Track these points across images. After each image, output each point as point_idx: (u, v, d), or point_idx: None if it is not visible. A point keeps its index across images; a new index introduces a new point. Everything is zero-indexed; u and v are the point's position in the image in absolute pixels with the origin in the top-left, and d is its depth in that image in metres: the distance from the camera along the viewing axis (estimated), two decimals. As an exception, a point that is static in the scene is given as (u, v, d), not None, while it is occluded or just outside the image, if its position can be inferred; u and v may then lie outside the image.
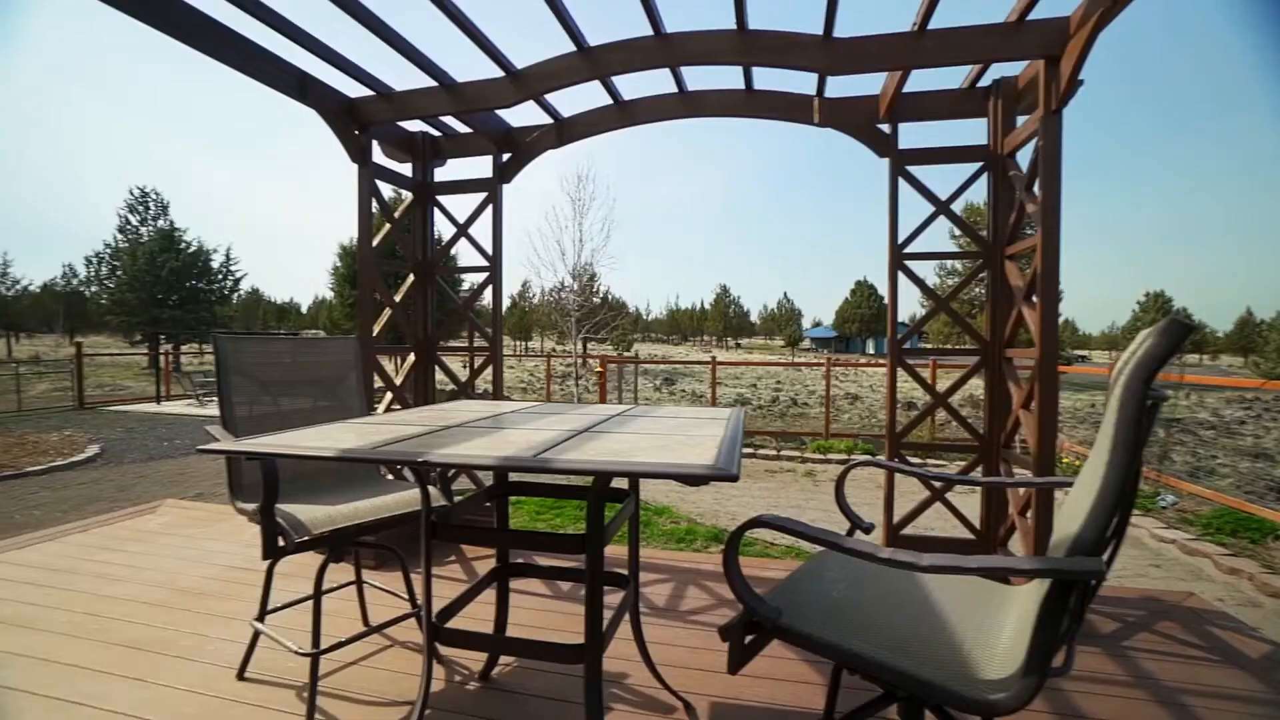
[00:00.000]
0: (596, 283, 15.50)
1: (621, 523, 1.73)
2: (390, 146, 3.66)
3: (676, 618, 2.67)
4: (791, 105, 3.36)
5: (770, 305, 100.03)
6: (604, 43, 2.98)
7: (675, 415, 2.04)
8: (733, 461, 1.21)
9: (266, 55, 2.92)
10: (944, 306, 3.19)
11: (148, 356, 26.39)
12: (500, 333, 3.68)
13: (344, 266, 26.81)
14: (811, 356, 63.87)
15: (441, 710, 1.98)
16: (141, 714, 1.95)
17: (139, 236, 29.08)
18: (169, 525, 3.87)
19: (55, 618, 2.60)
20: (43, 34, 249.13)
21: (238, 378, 2.27)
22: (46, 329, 60.29)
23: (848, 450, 8.86)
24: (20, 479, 7.36)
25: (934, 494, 3.12)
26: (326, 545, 1.95)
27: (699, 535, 5.27)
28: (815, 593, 1.46)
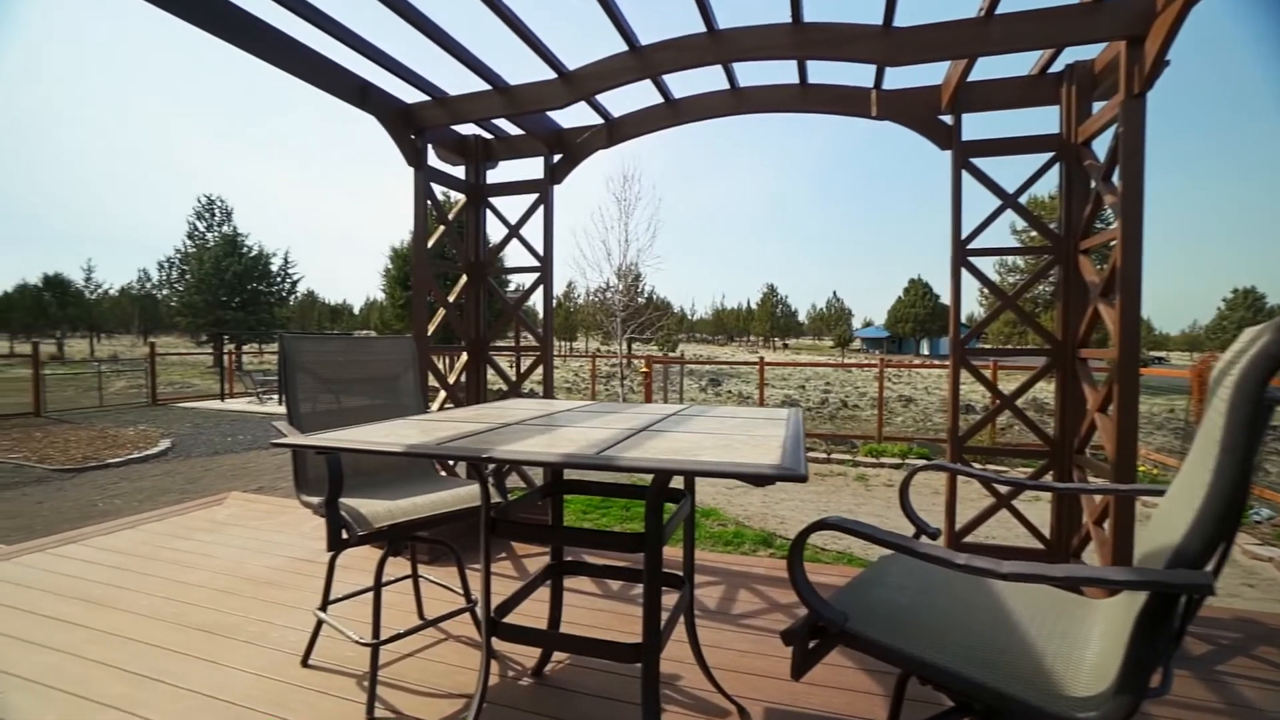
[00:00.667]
0: (641, 283, 15.51)
1: (678, 523, 1.71)
2: (444, 149, 3.73)
3: (728, 621, 2.63)
4: (847, 99, 3.27)
5: (819, 305, 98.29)
6: (655, 41, 2.96)
7: (732, 415, 2.01)
8: (799, 462, 1.17)
9: (330, 65, 3.03)
10: (1010, 304, 3.05)
11: (212, 356, 27.83)
12: (550, 333, 3.71)
13: (395, 268, 27.64)
14: (862, 357, 62.42)
15: (496, 704, 1.99)
16: (215, 694, 2.04)
17: (206, 242, 30.72)
18: (235, 516, 4.05)
19: (137, 600, 2.74)
20: (128, 55, 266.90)
21: (302, 375, 2.35)
22: (124, 330, 64.31)
23: (901, 454, 8.60)
24: (103, 470, 7.86)
25: (1000, 500, 2.99)
26: (385, 539, 2.00)
27: (747, 538, 5.20)
28: (881, 599, 1.41)
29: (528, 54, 3.00)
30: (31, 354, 13.84)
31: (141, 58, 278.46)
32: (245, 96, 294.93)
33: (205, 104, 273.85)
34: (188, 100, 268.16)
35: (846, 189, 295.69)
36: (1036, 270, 3.04)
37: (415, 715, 1.95)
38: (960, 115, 2.97)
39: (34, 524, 5.50)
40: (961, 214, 2.98)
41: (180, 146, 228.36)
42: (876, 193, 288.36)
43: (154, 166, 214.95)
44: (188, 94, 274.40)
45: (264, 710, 1.96)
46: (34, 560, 3.23)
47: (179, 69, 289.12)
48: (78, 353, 45.92)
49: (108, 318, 61.05)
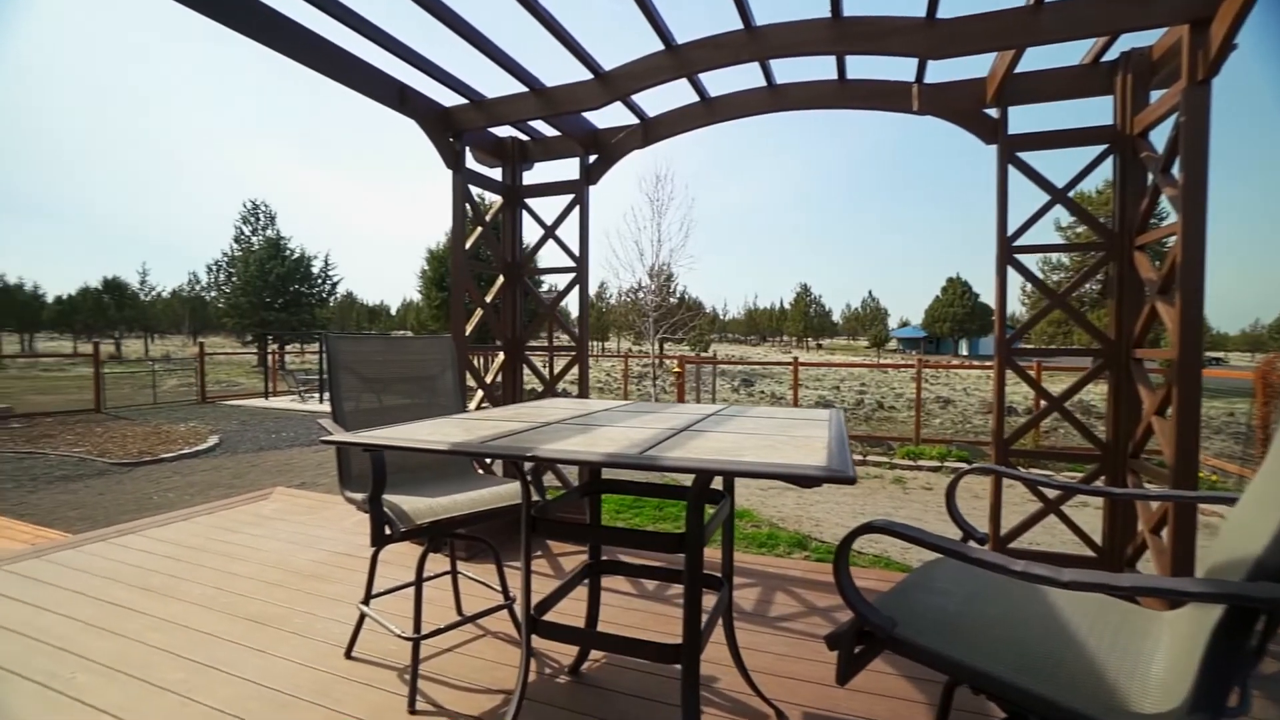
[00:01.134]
0: (674, 283, 15.47)
1: (718, 524, 1.69)
2: (481, 152, 3.78)
3: (765, 623, 2.60)
4: (887, 94, 3.21)
5: (854, 304, 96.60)
6: (692, 39, 2.95)
7: (771, 415, 1.98)
8: (847, 463, 1.15)
9: (370, 70, 3.09)
10: (1060, 302, 2.94)
11: (256, 355, 28.79)
12: (586, 333, 3.73)
13: (431, 270, 28.17)
14: (898, 358, 61.16)
15: (535, 701, 2.01)
16: (264, 683, 2.10)
17: (251, 245, 31.79)
18: (280, 511, 4.17)
19: (191, 590, 2.85)
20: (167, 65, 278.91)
21: (346, 375, 2.40)
22: (175, 330, 67.07)
23: (940, 457, 8.40)
24: (157, 464, 8.20)
25: (1048, 505, 2.88)
26: (426, 536, 2.03)
27: (781, 540, 5.14)
28: (928, 604, 1.37)
29: (563, 55, 3.02)
30: (93, 354, 14.55)
31: (193, 72, 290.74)
32: (283, 100, 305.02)
33: (249, 108, 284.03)
34: (232, 104, 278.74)
35: (883, 185, 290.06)
36: (1088, 268, 2.93)
37: (455, 709, 1.98)
38: (1006, 108, 2.88)
39: (96, 514, 5.78)
40: (1008, 210, 2.89)
41: (228, 153, 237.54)
42: (914, 189, 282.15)
43: (206, 173, 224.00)
44: (234, 101, 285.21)
45: (310, 700, 2.01)
46: (98, 549, 3.39)
47: (225, 78, 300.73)
48: (133, 352, 48.11)
49: (161, 319, 63.83)
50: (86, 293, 54.01)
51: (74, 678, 2.13)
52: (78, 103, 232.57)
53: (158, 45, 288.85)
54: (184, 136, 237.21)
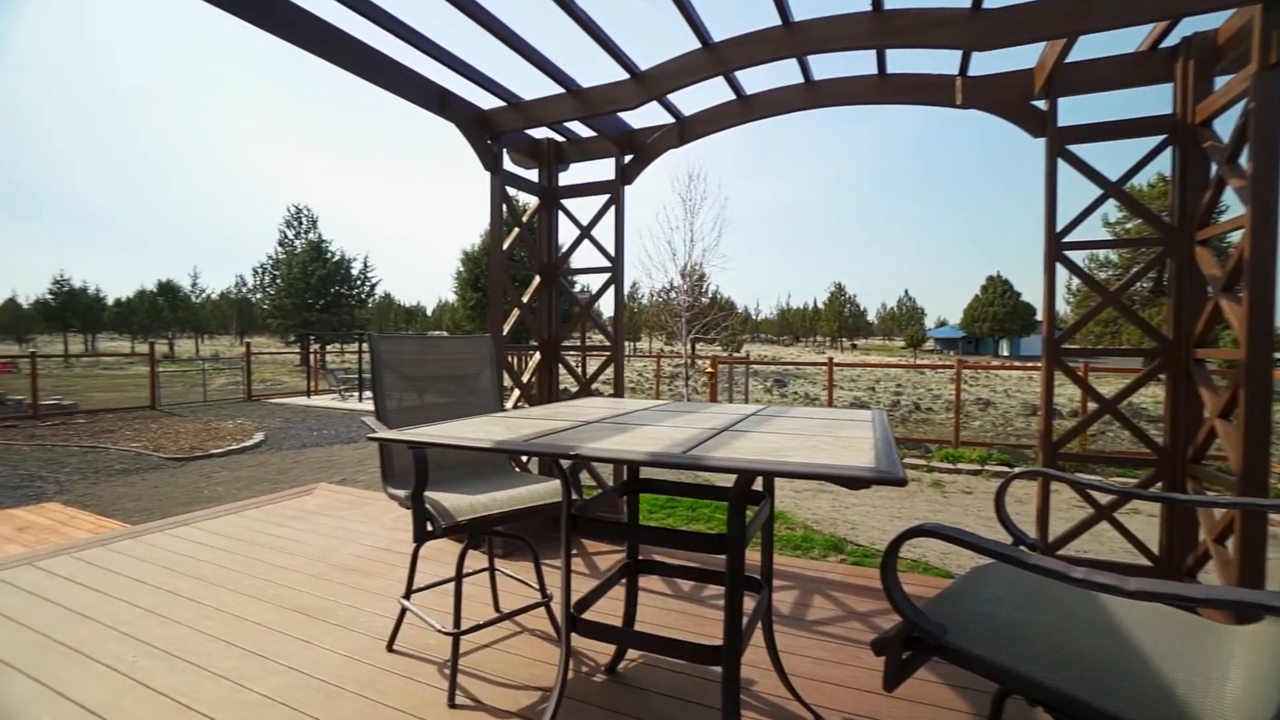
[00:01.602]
0: (706, 283, 15.39)
1: (759, 525, 1.67)
2: (517, 153, 3.82)
3: (803, 627, 2.56)
4: (929, 88, 3.13)
5: (889, 304, 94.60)
6: (729, 37, 2.93)
7: (812, 416, 1.95)
8: (895, 464, 1.12)
9: (412, 75, 3.16)
10: (1113, 301, 2.82)
11: (299, 355, 29.70)
12: (621, 333, 3.74)
13: (466, 271, 28.64)
14: (935, 358, 59.67)
15: (572, 699, 2.02)
16: (311, 673, 2.16)
17: (294, 248, 32.82)
18: (323, 506, 4.29)
19: (241, 581, 2.95)
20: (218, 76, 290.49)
21: (388, 374, 2.45)
22: (223, 331, 69.68)
23: (980, 460, 8.16)
24: (207, 459, 8.53)
25: (1100, 511, 2.77)
26: (466, 533, 2.06)
27: (816, 543, 5.07)
28: (979, 611, 1.33)
29: (599, 56, 3.03)
30: (149, 353, 15.21)
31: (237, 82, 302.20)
32: (328, 107, 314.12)
33: (294, 116, 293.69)
34: (277, 112, 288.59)
35: (920, 182, 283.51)
36: (1144, 264, 2.81)
37: (494, 705, 2.00)
38: (1056, 100, 2.78)
39: (152, 506, 6.04)
40: (1056, 205, 2.79)
41: (272, 158, 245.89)
42: (953, 186, 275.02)
43: (252, 178, 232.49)
44: (279, 109, 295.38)
45: (354, 691, 2.06)
46: (155, 540, 3.54)
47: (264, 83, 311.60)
48: (185, 352, 50.18)
49: (210, 320, 66.42)
50: (143, 295, 56.60)
51: (136, 661, 2.22)
52: (158, 123, 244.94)
53: (217, 59, 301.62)
54: (233, 144, 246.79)
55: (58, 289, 52.18)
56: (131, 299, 57.44)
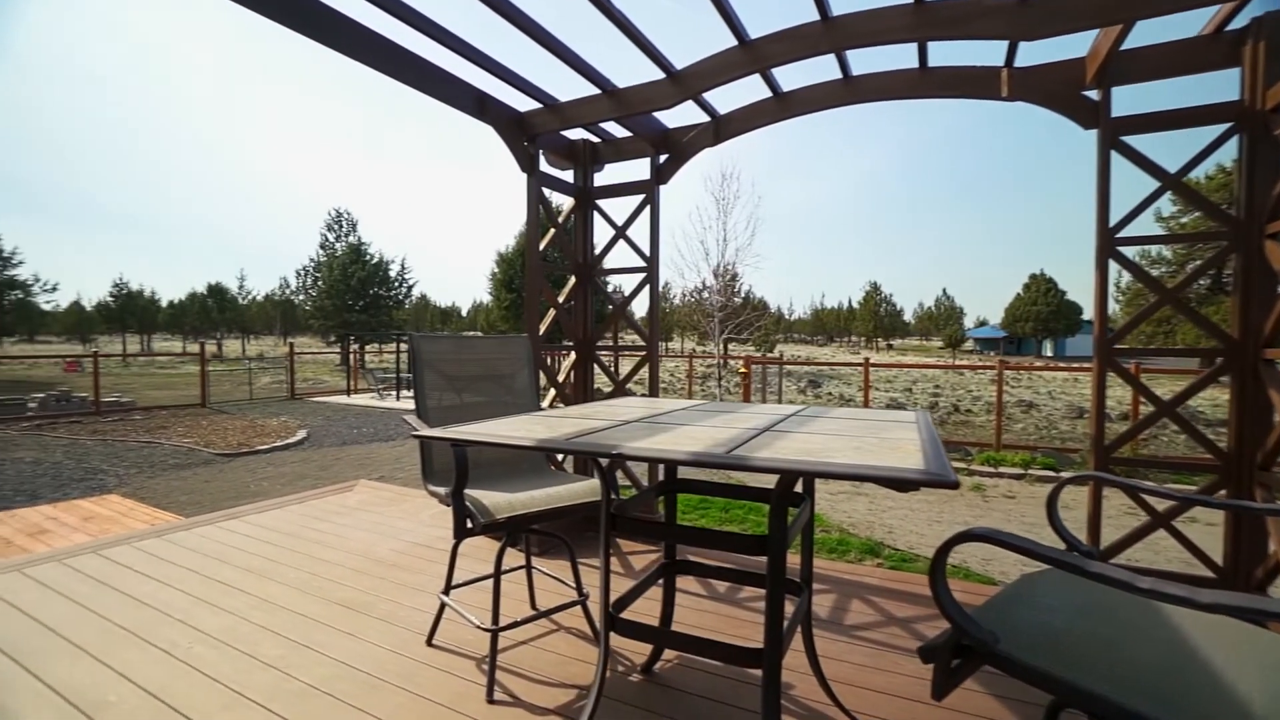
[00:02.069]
0: (738, 282, 15.28)
1: (799, 527, 1.65)
2: (553, 154, 3.85)
3: (841, 631, 2.52)
4: (973, 80, 3.04)
5: (927, 303, 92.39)
6: (766, 34, 2.90)
7: (855, 416, 1.92)
8: (945, 466, 1.09)
9: (451, 79, 3.21)
10: (1171, 298, 2.70)
11: (339, 354, 30.54)
12: (657, 332, 3.74)
13: (500, 272, 29.03)
14: (975, 359, 58.03)
15: (609, 698, 2.02)
16: (353, 664, 2.22)
17: (334, 251, 33.75)
18: (364, 503, 4.39)
19: (287, 573, 3.04)
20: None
21: (429, 373, 2.50)
22: (267, 331, 72.12)
23: (1023, 464, 7.90)
24: (253, 455, 8.83)
25: (1157, 519, 2.65)
26: (504, 530, 2.08)
27: (852, 547, 4.98)
28: (1032, 620, 1.28)
29: (633, 56, 3.03)
30: (199, 353, 15.84)
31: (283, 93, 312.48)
32: (366, 109, 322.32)
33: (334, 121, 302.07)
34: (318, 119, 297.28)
35: (958, 178, 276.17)
36: (1206, 259, 2.67)
37: (531, 701, 2.02)
38: (1109, 89, 2.67)
39: (203, 500, 6.28)
40: (1109, 199, 2.68)
41: (315, 163, 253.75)
42: (992, 182, 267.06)
43: (294, 182, 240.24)
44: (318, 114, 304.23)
45: (395, 683, 2.10)
46: (206, 532, 3.68)
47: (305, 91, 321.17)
48: (232, 351, 52.11)
49: (255, 321, 68.81)
50: (194, 297, 58.99)
51: (191, 648, 2.31)
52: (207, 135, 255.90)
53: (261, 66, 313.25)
54: (277, 150, 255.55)
55: (117, 292, 54.83)
56: (183, 301, 59.99)
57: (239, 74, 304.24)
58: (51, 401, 12.80)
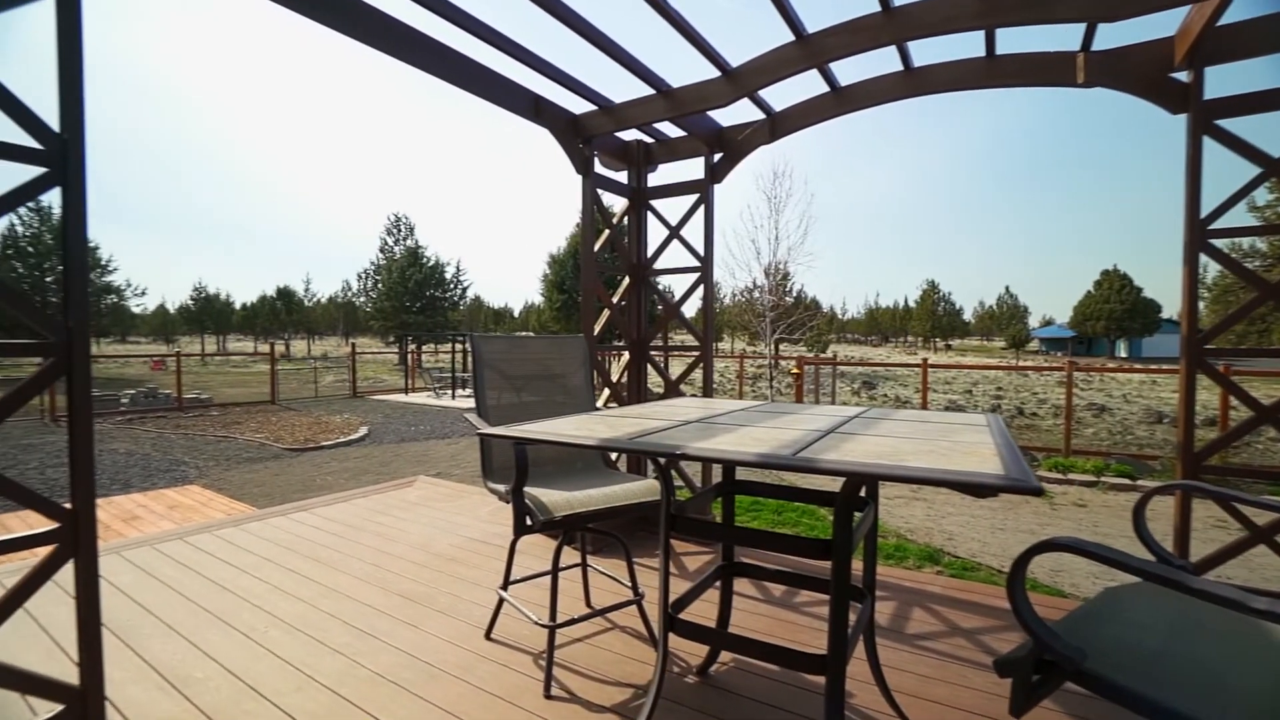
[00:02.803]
0: (790, 281, 15.02)
1: (864, 532, 1.61)
2: (607, 156, 3.88)
3: (903, 640, 2.44)
4: (1045, 67, 2.90)
5: (988, 302, 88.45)
6: (824, 27, 2.83)
7: (921, 419, 1.85)
8: (1028, 472, 1.04)
9: (507, 83, 3.27)
10: (1275, 294, 2.50)
11: (397, 354, 31.65)
12: (711, 333, 3.71)
13: (552, 273, 29.49)
14: (1040, 360, 55.28)
15: (665, 699, 2.01)
16: (416, 654, 2.29)
17: (393, 254, 35.03)
18: (423, 498, 4.53)
19: (353, 565, 3.17)
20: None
21: (489, 372, 2.55)
22: (331, 332, 75.47)
23: (1095, 471, 7.47)
24: (318, 451, 9.24)
25: (1258, 534, 2.46)
26: (562, 528, 2.10)
27: (910, 553, 4.82)
28: (1122, 637, 1.21)
29: (687, 55, 3.01)
30: (269, 353, 16.73)
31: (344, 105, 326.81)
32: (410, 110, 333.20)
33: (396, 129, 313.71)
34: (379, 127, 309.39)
35: (1022, 171, 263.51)
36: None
37: (587, 699, 2.03)
38: (1201, 70, 2.49)
39: (273, 492, 6.61)
40: (1200, 189, 2.51)
41: (374, 168, 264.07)
42: (1060, 174, 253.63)
43: (357, 187, 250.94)
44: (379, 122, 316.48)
45: (455, 675, 2.16)
46: (278, 523, 3.87)
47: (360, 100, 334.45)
48: (298, 351, 54.82)
49: (319, 322, 72.15)
50: (264, 300, 62.35)
51: (267, 632, 2.44)
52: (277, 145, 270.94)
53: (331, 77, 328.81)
54: (338, 155, 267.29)
55: (197, 295, 58.53)
56: (255, 303, 63.45)
57: (304, 88, 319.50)
58: (141, 398, 13.77)
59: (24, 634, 2.37)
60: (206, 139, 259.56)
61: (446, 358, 28.75)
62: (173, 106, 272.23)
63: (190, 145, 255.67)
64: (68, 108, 1.42)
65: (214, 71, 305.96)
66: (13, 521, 4.82)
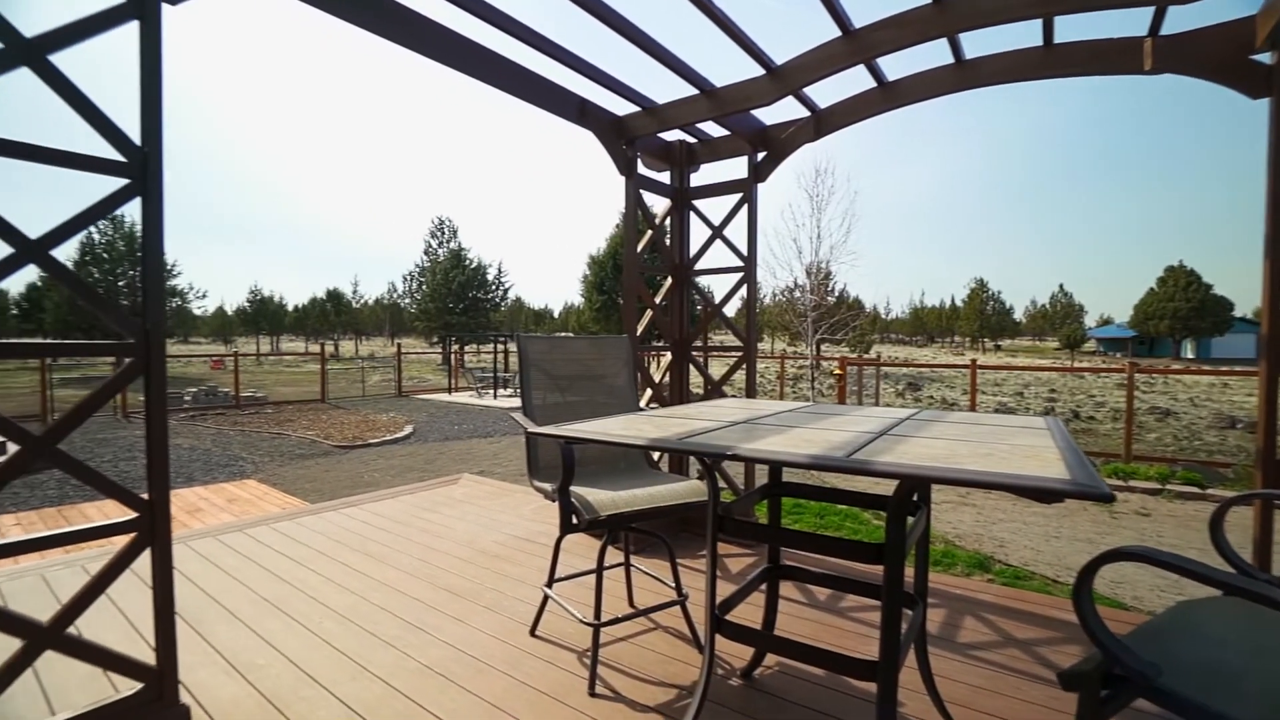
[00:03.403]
0: (832, 281, 14.76)
1: (916, 537, 1.57)
2: (649, 156, 3.88)
3: (954, 649, 2.37)
4: (1108, 54, 2.77)
5: (1040, 300, 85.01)
6: (871, 21, 2.78)
7: (976, 421, 1.80)
8: (1096, 477, 0.99)
9: (552, 87, 3.30)
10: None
11: (441, 354, 32.38)
12: (754, 333, 3.68)
13: (592, 274, 29.69)
14: (1098, 360, 52.84)
15: (710, 701, 2.00)
16: (462, 648, 2.34)
17: (437, 257, 35.86)
18: (468, 496, 4.63)
19: (401, 559, 3.26)
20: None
21: (535, 372, 2.59)
22: (377, 333, 77.82)
23: (1160, 478, 7.10)
24: (366, 448, 9.53)
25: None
26: (607, 528, 2.12)
27: (958, 559, 4.68)
28: (1200, 654, 1.15)
29: (729, 54, 3.00)
30: (320, 353, 17.35)
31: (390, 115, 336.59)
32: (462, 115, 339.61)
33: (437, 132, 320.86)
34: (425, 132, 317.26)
35: (1074, 164, 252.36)
36: None
37: (632, 698, 2.04)
38: (1286, 51, 2.33)
39: (323, 487, 6.85)
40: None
41: (421, 173, 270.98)
42: (1118, 167, 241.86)
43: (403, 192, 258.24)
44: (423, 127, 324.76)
45: (501, 669, 2.20)
46: (330, 518, 4.01)
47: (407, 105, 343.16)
48: (346, 351, 56.67)
49: (366, 323, 74.53)
50: (315, 302, 64.75)
51: (322, 623, 2.53)
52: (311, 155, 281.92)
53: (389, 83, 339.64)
54: (387, 160, 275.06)
55: (253, 298, 61.22)
56: (306, 305, 65.98)
57: (357, 100, 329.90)
58: (202, 395, 14.47)
59: (104, 616, 2.52)
60: (264, 148, 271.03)
61: (488, 358, 29.31)
62: (228, 121, 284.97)
63: (245, 155, 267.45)
64: (148, 123, 1.50)
65: (265, 84, 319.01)
66: (90, 511, 5.13)
